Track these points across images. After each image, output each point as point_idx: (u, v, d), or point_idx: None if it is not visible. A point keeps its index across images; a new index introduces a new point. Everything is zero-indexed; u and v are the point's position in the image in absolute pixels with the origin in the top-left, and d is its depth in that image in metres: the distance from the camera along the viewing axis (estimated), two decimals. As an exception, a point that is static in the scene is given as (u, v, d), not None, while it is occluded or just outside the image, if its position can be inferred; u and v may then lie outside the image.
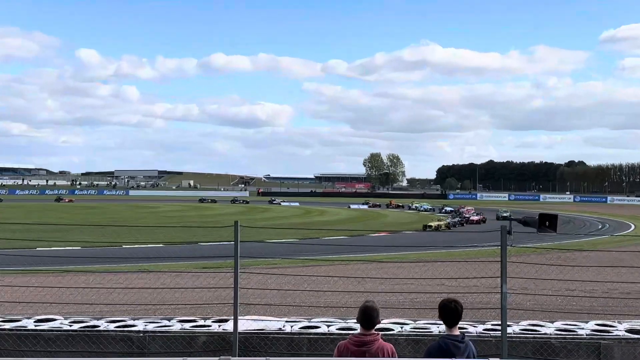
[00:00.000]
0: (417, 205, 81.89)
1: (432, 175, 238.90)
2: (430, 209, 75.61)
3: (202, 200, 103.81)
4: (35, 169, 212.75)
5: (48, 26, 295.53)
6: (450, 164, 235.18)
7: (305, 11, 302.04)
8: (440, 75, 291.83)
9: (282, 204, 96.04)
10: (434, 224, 47.29)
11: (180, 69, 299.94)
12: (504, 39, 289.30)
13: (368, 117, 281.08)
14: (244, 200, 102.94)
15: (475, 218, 55.99)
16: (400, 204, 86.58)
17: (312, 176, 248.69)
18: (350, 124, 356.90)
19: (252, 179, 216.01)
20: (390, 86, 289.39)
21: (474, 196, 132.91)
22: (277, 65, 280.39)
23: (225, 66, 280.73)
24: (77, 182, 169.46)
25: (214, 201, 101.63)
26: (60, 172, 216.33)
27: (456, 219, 52.83)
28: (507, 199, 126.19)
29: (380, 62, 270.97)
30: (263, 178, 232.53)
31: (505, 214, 55.38)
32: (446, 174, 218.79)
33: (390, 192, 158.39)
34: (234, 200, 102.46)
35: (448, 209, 69.90)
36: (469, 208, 65.60)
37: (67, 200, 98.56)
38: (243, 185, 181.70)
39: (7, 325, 8.60)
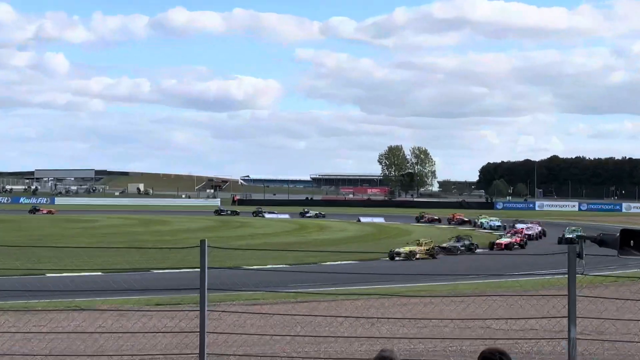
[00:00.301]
0: (483, 220, 78.40)
1: (474, 176, 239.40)
2: (499, 226, 73.06)
3: (219, 212, 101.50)
4: None
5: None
6: (499, 161, 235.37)
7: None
8: (484, 39, 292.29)
9: (266, 215, 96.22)
10: (404, 249, 43.66)
11: (125, 30, 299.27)
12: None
13: (385, 97, 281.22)
14: (257, 212, 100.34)
15: (504, 241, 52.10)
16: (467, 219, 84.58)
17: (308, 178, 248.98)
18: (360, 106, 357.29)
19: (225, 181, 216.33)
20: (414, 54, 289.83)
21: (530, 205, 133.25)
22: (259, 24, 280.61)
23: (188, 26, 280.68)
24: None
25: (235, 213, 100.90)
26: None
27: (461, 243, 49.14)
28: (576, 208, 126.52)
29: (401, 21, 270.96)
30: (240, 180, 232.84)
31: (573, 234, 52.14)
32: (493, 174, 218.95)
33: (416, 199, 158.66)
34: (256, 213, 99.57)
35: (520, 225, 66.99)
36: (530, 224, 64.05)
37: (45, 212, 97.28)
38: (212, 191, 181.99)
39: None
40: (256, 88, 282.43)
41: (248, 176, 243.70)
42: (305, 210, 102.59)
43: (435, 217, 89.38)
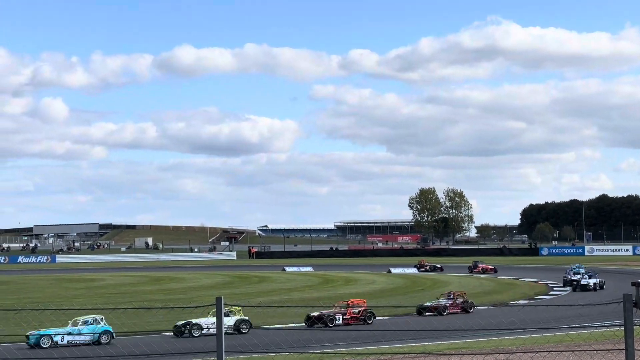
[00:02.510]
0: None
1: (515, 219, 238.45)
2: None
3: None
4: None
5: None
6: (542, 202, 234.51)
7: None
8: (520, 69, 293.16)
9: (287, 269, 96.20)
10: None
11: (129, 71, 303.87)
12: (614, 10, 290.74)
13: (413, 135, 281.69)
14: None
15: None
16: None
17: (332, 226, 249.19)
18: (386, 146, 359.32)
19: (242, 233, 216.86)
20: (444, 87, 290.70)
21: (579, 250, 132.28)
22: (274, 61, 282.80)
23: (196, 65, 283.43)
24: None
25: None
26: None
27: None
28: (630, 252, 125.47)
29: (428, 52, 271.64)
30: (258, 231, 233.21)
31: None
32: (536, 217, 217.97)
33: (452, 246, 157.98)
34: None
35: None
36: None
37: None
38: (228, 243, 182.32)
39: None
40: (272, 129, 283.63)
41: (266, 226, 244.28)
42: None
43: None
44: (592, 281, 56.85)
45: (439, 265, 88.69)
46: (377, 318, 39.23)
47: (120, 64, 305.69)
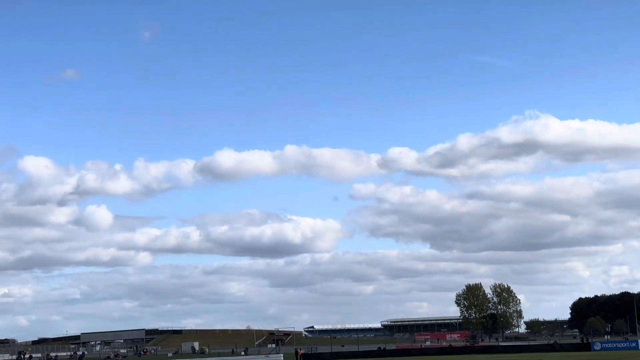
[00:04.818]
0: None
1: (564, 314, 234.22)
2: None
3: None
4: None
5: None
6: (591, 296, 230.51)
7: (349, 80, 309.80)
8: (560, 162, 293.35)
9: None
10: None
11: (171, 177, 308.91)
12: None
13: (456, 231, 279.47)
14: None
15: None
16: None
17: (379, 325, 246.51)
18: (430, 243, 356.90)
19: (288, 334, 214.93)
20: (485, 182, 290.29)
21: (632, 344, 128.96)
22: (313, 161, 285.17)
23: (237, 168, 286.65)
24: (27, 356, 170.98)
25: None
26: (1, 342, 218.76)
27: None
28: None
29: (467, 148, 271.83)
30: (304, 333, 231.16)
31: None
32: (586, 311, 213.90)
33: (501, 343, 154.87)
34: None
35: None
36: None
37: None
38: (274, 345, 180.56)
39: None
40: (314, 230, 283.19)
41: (312, 327, 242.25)
42: None
43: None
44: None
45: None
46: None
47: (163, 170, 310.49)
